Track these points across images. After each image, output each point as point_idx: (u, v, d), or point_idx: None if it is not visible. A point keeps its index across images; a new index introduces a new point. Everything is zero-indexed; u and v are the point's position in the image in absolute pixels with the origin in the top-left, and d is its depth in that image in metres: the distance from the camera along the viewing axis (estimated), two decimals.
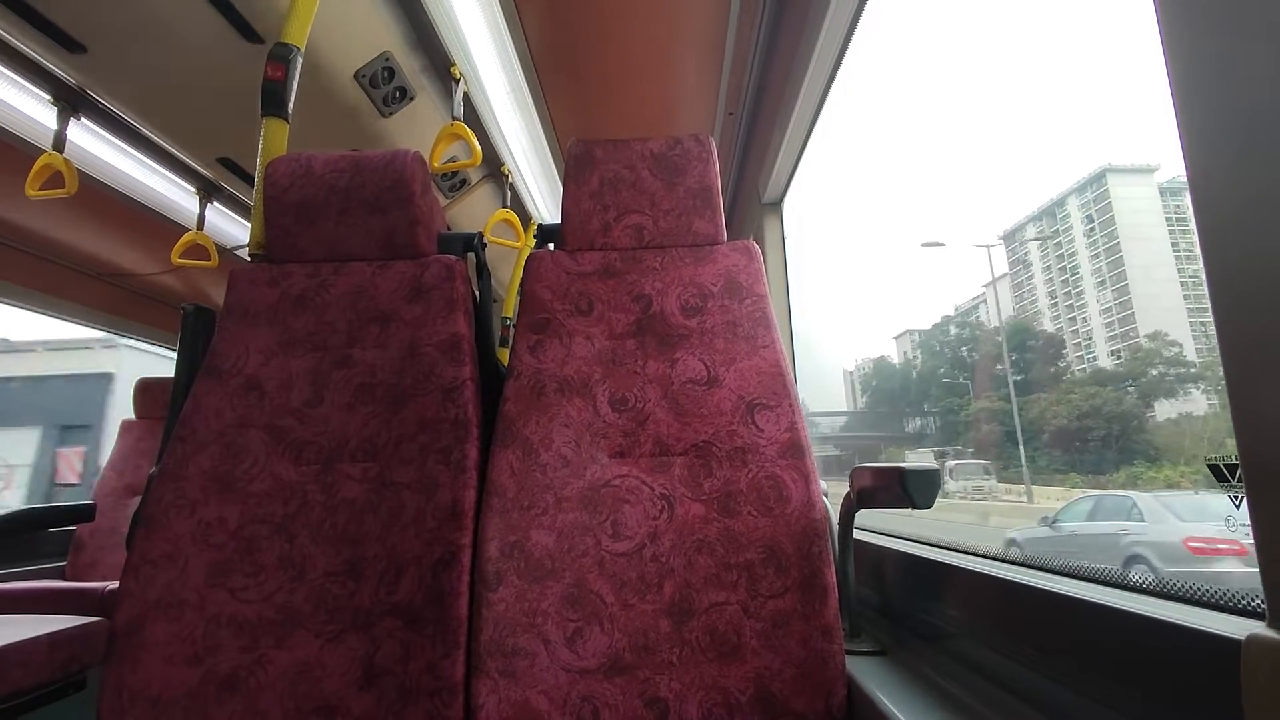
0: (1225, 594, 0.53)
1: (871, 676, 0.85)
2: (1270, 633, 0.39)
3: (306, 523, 0.97)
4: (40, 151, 1.76)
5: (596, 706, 0.86)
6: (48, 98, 1.73)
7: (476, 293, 1.21)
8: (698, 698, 0.86)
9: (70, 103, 1.75)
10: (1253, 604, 0.50)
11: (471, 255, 1.25)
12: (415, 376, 1.05)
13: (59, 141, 1.76)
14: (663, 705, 0.86)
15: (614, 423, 1.02)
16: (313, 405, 1.04)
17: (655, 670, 0.87)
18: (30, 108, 1.76)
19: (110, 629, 0.91)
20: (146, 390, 2.79)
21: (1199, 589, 0.57)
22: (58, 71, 1.65)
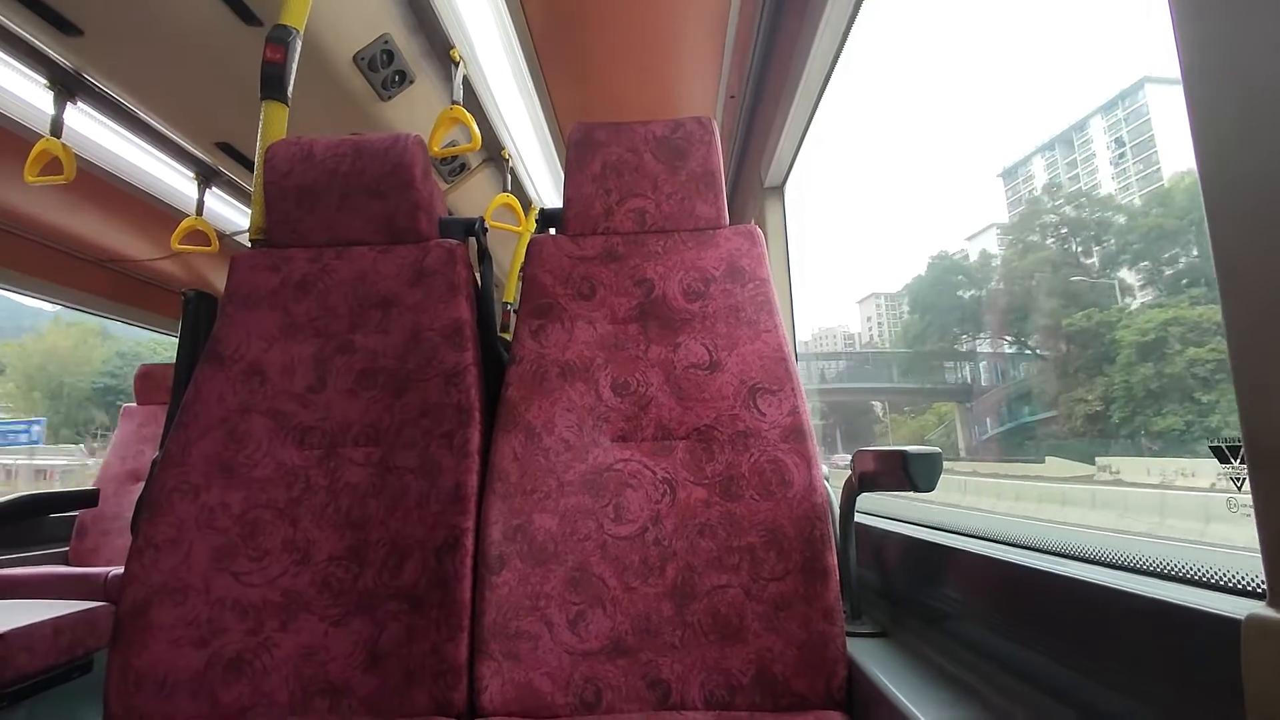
0: (1225, 574, 0.54)
1: (872, 658, 0.86)
2: (1270, 612, 0.40)
3: (310, 507, 0.98)
4: (38, 136, 1.75)
5: (599, 688, 0.87)
6: (44, 82, 1.72)
7: (478, 278, 1.21)
8: (699, 679, 0.87)
9: (67, 87, 1.74)
10: (1253, 584, 0.50)
11: (472, 240, 1.24)
12: (418, 362, 1.05)
13: (56, 126, 1.75)
14: (665, 686, 0.87)
15: (616, 407, 1.02)
16: (315, 390, 1.05)
17: (658, 652, 0.88)
18: (27, 92, 1.75)
19: (115, 613, 0.92)
20: (148, 376, 2.80)
21: (1199, 569, 0.57)
22: (54, 55, 1.64)
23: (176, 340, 1.21)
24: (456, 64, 1.87)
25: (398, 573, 0.93)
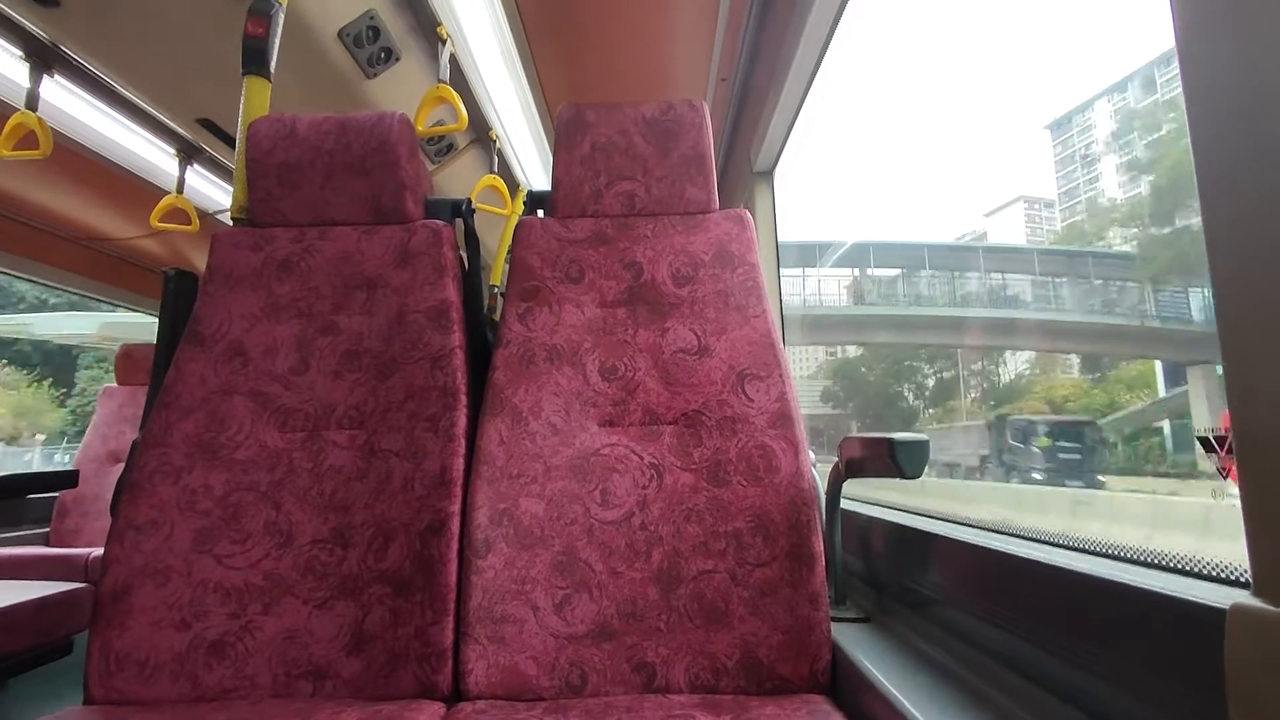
0: (1210, 564, 0.54)
1: (856, 643, 0.86)
2: (1255, 601, 0.40)
3: (293, 490, 0.97)
4: (12, 110, 1.71)
5: (585, 671, 0.87)
6: (19, 53, 1.67)
7: (464, 259, 1.19)
8: (685, 663, 0.87)
9: (43, 59, 1.69)
10: (1237, 574, 0.51)
11: (459, 221, 1.23)
12: (403, 344, 1.04)
13: (32, 100, 1.71)
14: (650, 669, 0.87)
15: (604, 391, 1.02)
16: (298, 372, 1.03)
17: (643, 636, 0.88)
18: (1, 64, 1.70)
19: (96, 594, 0.91)
20: (128, 356, 2.76)
21: (1184, 559, 0.57)
22: (29, 25, 1.59)
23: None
24: (443, 42, 1.84)
25: (382, 556, 0.93)
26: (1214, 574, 0.53)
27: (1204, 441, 0.58)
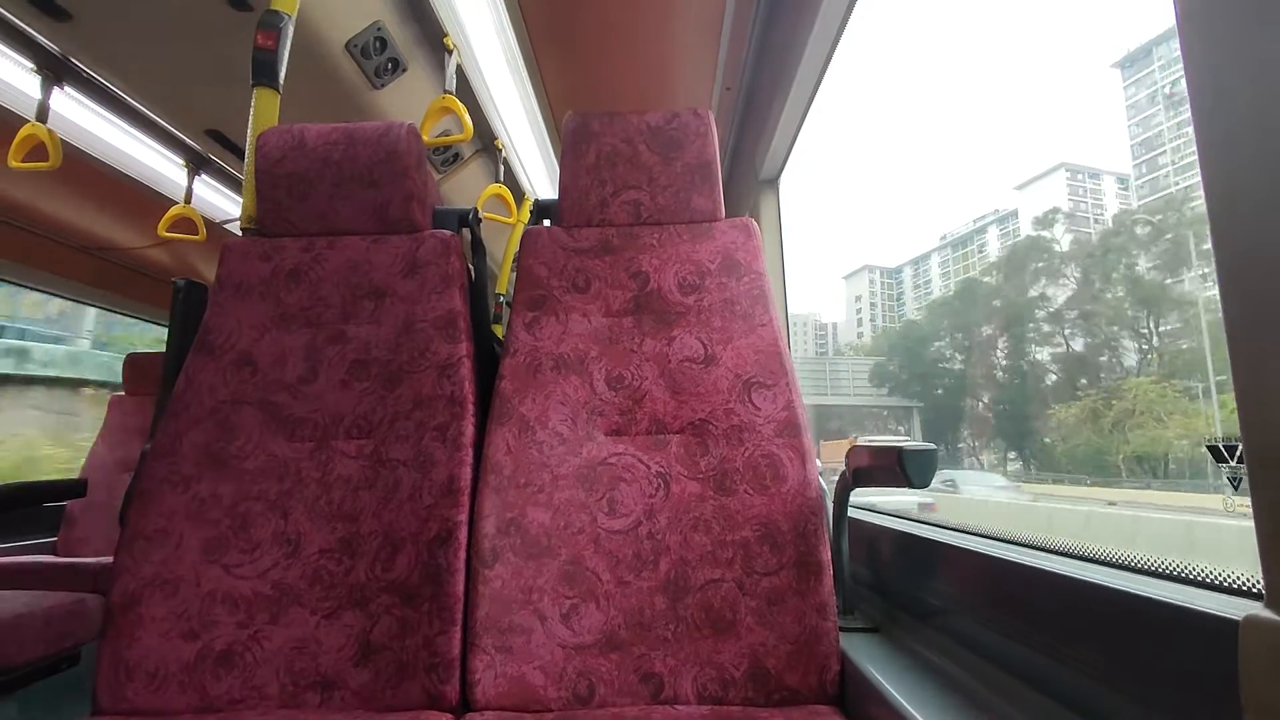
0: (1223, 574, 0.54)
1: (864, 653, 0.86)
2: (1268, 613, 0.40)
3: (301, 499, 0.97)
4: (22, 121, 1.72)
5: (592, 681, 0.87)
6: (30, 66, 1.69)
7: (471, 269, 1.20)
8: (692, 673, 0.87)
9: (54, 71, 1.71)
10: (1250, 585, 0.51)
11: (466, 230, 1.23)
12: (411, 353, 1.04)
13: (42, 111, 1.73)
14: (658, 680, 0.87)
15: (610, 401, 1.02)
16: (307, 381, 1.04)
17: (651, 646, 0.88)
18: (12, 76, 1.72)
19: (106, 604, 0.91)
20: (135, 365, 2.77)
21: (1196, 570, 0.57)
22: (41, 39, 1.61)
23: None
24: (450, 52, 1.85)
25: (390, 566, 0.93)
26: (1226, 584, 0.53)
27: (1214, 451, 0.57)
